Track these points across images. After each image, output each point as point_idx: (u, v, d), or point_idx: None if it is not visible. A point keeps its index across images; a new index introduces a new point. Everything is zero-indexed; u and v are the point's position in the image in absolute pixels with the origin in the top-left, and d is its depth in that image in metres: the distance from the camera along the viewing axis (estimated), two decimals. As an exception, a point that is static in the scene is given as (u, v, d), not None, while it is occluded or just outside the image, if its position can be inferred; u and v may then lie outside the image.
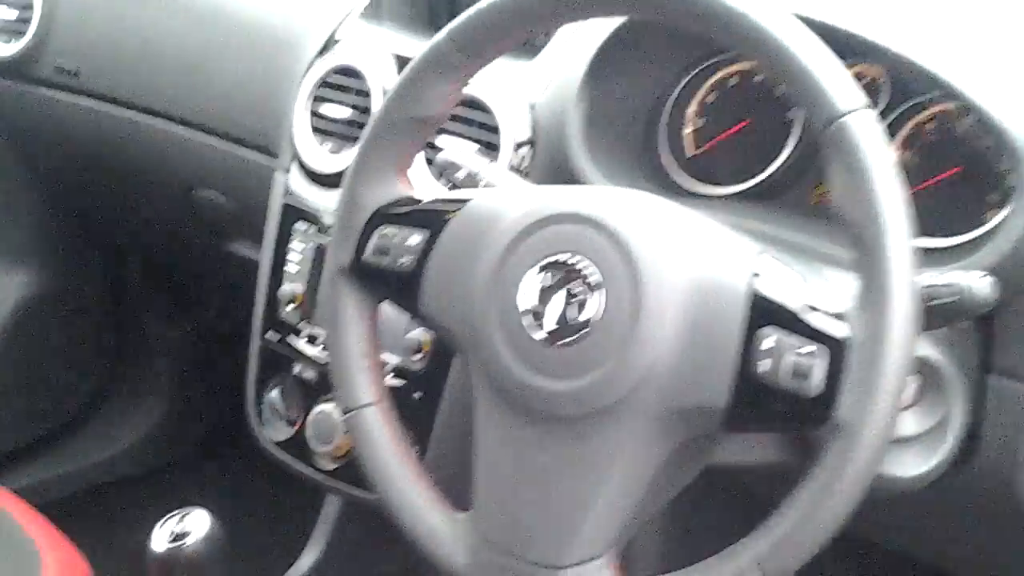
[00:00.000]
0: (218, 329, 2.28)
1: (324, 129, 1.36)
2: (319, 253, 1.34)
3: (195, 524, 1.15)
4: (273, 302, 1.38)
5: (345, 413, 0.97)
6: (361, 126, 1.32)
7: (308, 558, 1.54)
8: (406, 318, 1.24)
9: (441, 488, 1.22)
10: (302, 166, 1.37)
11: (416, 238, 0.93)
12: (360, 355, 0.98)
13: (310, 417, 1.34)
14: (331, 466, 1.33)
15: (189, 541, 1.13)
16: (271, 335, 1.39)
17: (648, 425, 0.83)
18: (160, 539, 1.15)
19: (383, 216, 0.97)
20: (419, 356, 1.25)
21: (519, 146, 1.22)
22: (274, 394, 1.38)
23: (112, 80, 1.68)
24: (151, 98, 1.63)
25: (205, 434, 2.34)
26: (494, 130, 1.24)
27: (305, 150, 1.36)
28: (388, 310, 1.00)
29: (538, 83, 1.24)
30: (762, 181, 1.17)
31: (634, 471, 0.84)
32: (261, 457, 2.13)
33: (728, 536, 0.87)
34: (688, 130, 1.22)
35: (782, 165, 1.16)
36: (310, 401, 1.35)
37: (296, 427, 1.37)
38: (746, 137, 1.20)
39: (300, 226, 1.36)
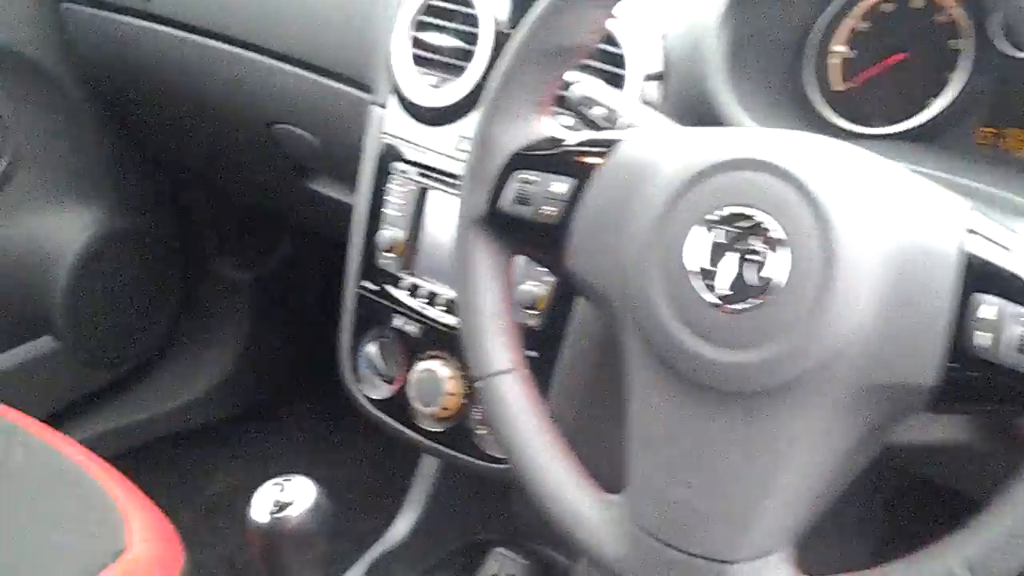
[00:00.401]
0: (293, 273, 2.20)
1: (427, 59, 1.24)
2: (421, 196, 1.24)
3: (299, 492, 1.06)
4: (370, 249, 1.27)
5: (476, 380, 0.87)
6: (469, 56, 1.21)
7: (405, 522, 1.45)
8: (519, 270, 1.14)
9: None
10: (402, 101, 1.25)
11: (561, 185, 0.83)
12: (495, 315, 0.88)
13: (412, 375, 1.24)
14: (436, 428, 1.24)
15: (293, 512, 1.04)
16: (368, 284, 1.28)
17: (838, 404, 0.72)
18: (261, 508, 1.05)
19: (522, 159, 0.86)
20: (534, 312, 1.15)
21: (648, 79, 1.10)
22: (371, 348, 1.28)
23: (187, 5, 1.57)
24: (229, 25, 1.52)
25: (278, 383, 2.27)
26: (617, 61, 1.12)
27: (406, 83, 1.24)
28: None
29: (669, 9, 1.11)
30: (926, 120, 1.05)
31: (819, 455, 0.74)
32: (344, 410, 2.06)
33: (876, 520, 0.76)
34: (836, 61, 1.10)
35: (950, 103, 1.04)
36: (412, 357, 1.25)
37: (396, 385, 1.27)
38: (902, 71, 1.07)
39: (399, 166, 1.25)
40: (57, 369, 1.90)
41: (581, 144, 0.85)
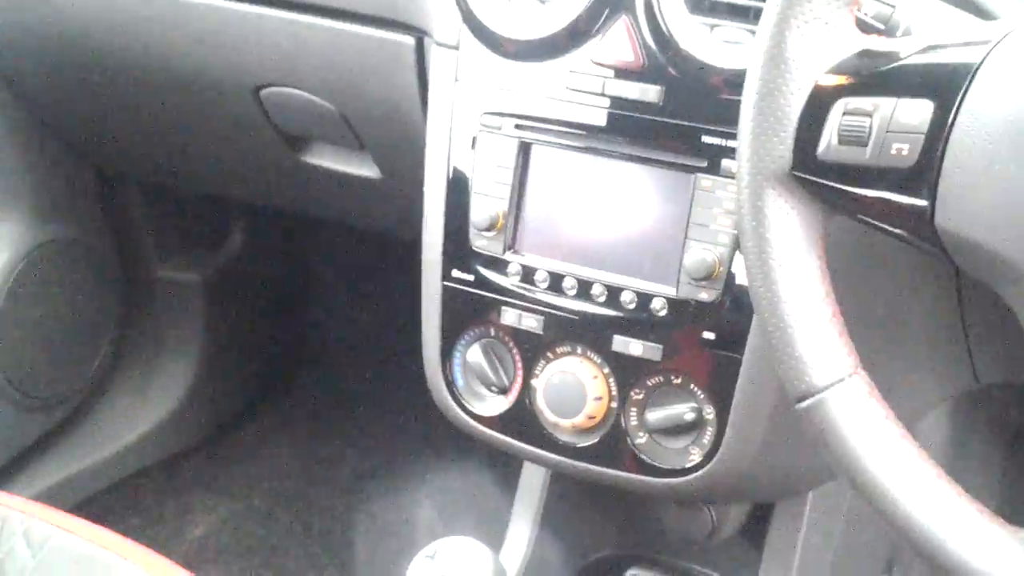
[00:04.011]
0: (248, 266, 1.87)
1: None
2: (522, 154, 0.97)
3: (469, 562, 0.80)
4: (457, 229, 1.00)
5: (805, 398, 0.63)
6: None
7: (514, 548, 1.18)
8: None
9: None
10: (482, 35, 0.97)
11: (915, 112, 0.59)
12: (818, 302, 0.64)
13: (539, 380, 0.98)
14: (582, 442, 0.98)
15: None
16: (460, 275, 1.01)
17: None
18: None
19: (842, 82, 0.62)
20: (705, 282, 0.90)
21: None
22: (474, 354, 1.01)
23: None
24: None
25: (247, 396, 1.95)
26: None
27: (486, 10, 0.96)
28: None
29: None
30: None
31: None
32: (333, 418, 1.78)
33: None
34: None
35: None
36: (534, 358, 0.99)
37: (513, 395, 1.01)
38: None
39: (489, 120, 0.98)
40: (-8, 420, 1.56)
41: (932, 49, 0.61)
